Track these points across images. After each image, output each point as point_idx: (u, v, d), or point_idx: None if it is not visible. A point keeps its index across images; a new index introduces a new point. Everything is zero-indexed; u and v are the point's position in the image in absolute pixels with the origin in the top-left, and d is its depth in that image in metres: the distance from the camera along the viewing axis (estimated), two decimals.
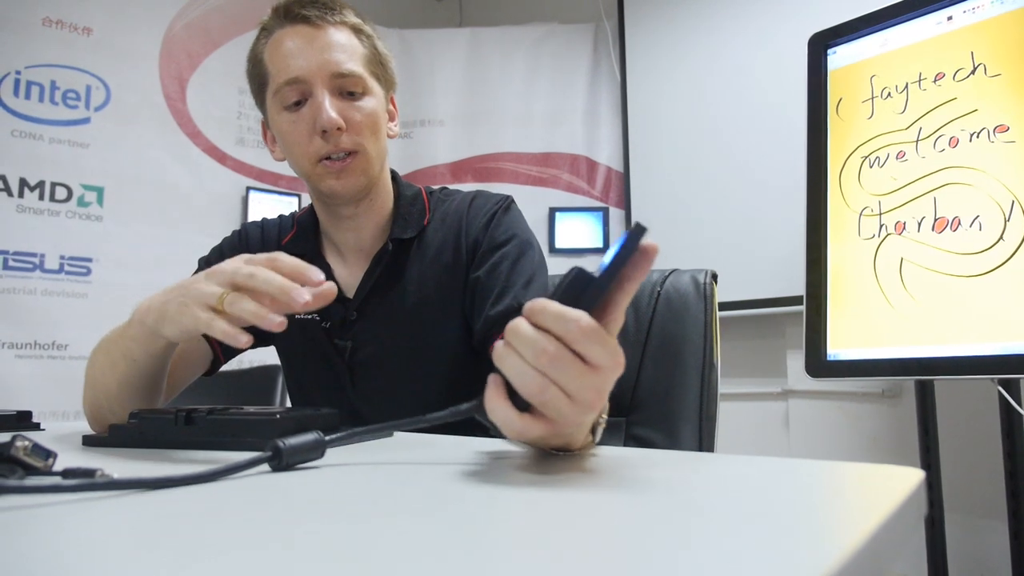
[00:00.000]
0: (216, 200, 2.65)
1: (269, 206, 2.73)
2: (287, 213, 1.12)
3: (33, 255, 2.27)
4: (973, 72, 1.67)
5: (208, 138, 2.67)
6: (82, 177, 2.38)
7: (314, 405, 1.01)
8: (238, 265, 0.63)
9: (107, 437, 0.67)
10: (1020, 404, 1.57)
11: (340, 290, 0.99)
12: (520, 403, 0.45)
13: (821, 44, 1.98)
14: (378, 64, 0.97)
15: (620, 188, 2.89)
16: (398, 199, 1.03)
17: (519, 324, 0.45)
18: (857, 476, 0.48)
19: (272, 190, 2.79)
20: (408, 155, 3.02)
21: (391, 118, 1.02)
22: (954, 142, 1.67)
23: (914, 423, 1.79)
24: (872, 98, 1.86)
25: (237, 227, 1.14)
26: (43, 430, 0.88)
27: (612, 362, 0.45)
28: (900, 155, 1.77)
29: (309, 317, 1.00)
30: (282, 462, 0.49)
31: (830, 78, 1.96)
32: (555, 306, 0.44)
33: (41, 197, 2.30)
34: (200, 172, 2.63)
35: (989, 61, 1.65)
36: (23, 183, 2.27)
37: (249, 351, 1.09)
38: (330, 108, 0.88)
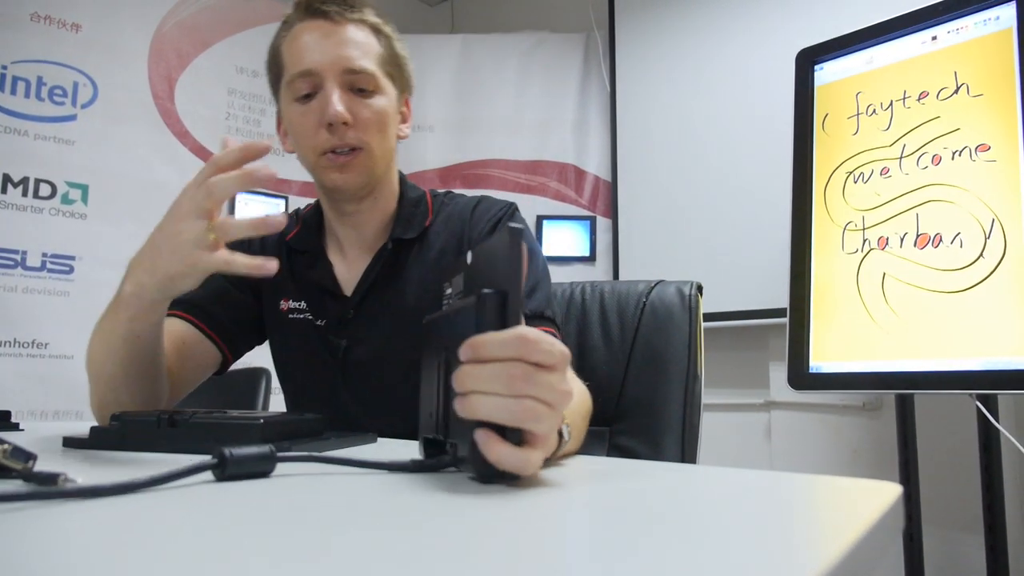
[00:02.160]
0: None
1: (256, 208, 2.72)
2: (296, 209, 1.12)
3: (15, 252, 2.24)
4: (956, 91, 1.70)
5: (196, 138, 2.66)
6: (67, 174, 2.35)
7: (307, 406, 1.01)
8: (193, 192, 0.65)
9: (88, 439, 0.67)
10: (998, 419, 1.59)
11: (339, 287, 0.99)
12: (513, 439, 0.45)
13: (808, 60, 2.00)
14: (394, 65, 0.97)
15: (608, 197, 2.91)
16: (402, 199, 1.03)
17: (471, 370, 0.45)
18: (836, 490, 0.48)
19: (260, 192, 2.77)
20: (397, 159, 3.01)
21: (403, 119, 1.03)
22: (937, 160, 1.70)
23: (894, 436, 1.81)
24: (857, 114, 1.88)
25: None
26: (23, 431, 0.87)
27: (561, 354, 0.46)
28: (884, 171, 1.79)
29: (302, 317, 0.99)
30: (226, 471, 0.47)
31: (816, 94, 1.98)
32: (493, 336, 0.45)
33: (25, 193, 2.28)
34: (187, 172, 2.59)
35: (972, 81, 1.68)
36: (6, 179, 2.25)
37: (246, 351, 1.08)
38: (337, 102, 0.89)
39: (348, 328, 0.98)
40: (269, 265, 0.63)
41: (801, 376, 1.82)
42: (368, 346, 0.97)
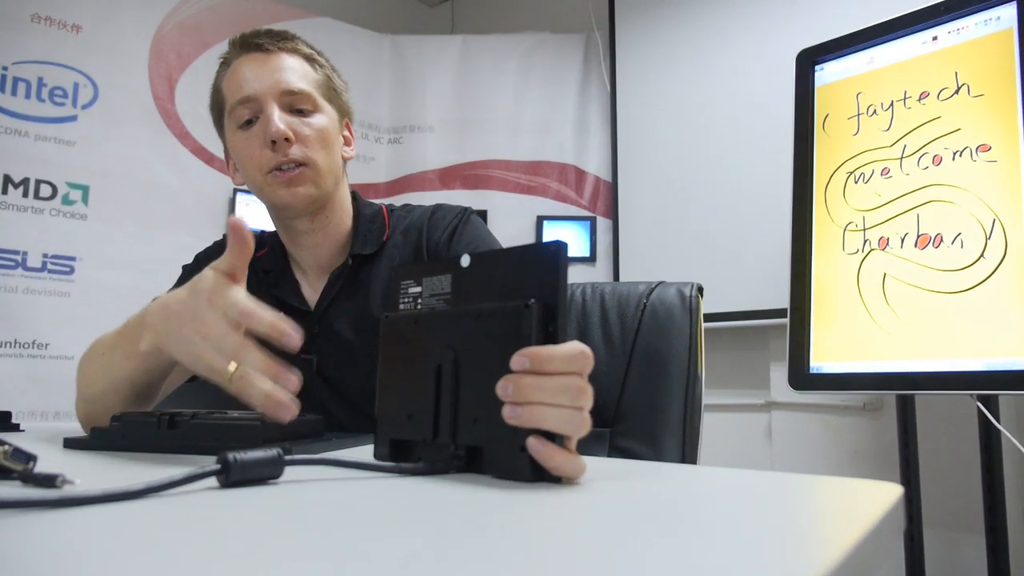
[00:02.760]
0: (203, 201, 2.63)
1: (256, 209, 2.72)
2: (262, 230, 1.13)
3: (15, 252, 2.24)
4: (957, 92, 1.70)
5: (196, 139, 2.66)
6: (67, 175, 2.35)
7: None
8: (223, 293, 0.62)
9: (88, 440, 0.67)
10: (998, 420, 1.59)
11: (306, 304, 1.02)
12: (558, 444, 0.48)
13: (809, 60, 2.00)
14: (331, 90, 1.01)
15: (608, 198, 2.91)
16: (357, 217, 1.05)
17: (537, 382, 0.48)
18: (837, 491, 0.48)
19: None
20: (397, 160, 3.02)
21: (347, 143, 1.05)
22: (937, 160, 1.70)
23: (894, 436, 1.81)
24: (858, 115, 1.88)
25: (223, 228, 1.14)
26: (23, 431, 0.87)
27: (587, 361, 0.50)
28: (884, 172, 1.79)
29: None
30: (230, 478, 0.44)
31: (817, 94, 1.98)
32: (558, 350, 0.48)
33: (25, 194, 2.28)
34: (187, 173, 2.62)
35: (973, 81, 1.68)
36: (7, 180, 2.25)
37: None
38: (279, 120, 0.92)
39: (315, 343, 1.00)
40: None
41: (802, 376, 1.82)
42: (337, 359, 1.00)
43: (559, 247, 0.50)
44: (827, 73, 1.98)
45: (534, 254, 0.52)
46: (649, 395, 1.06)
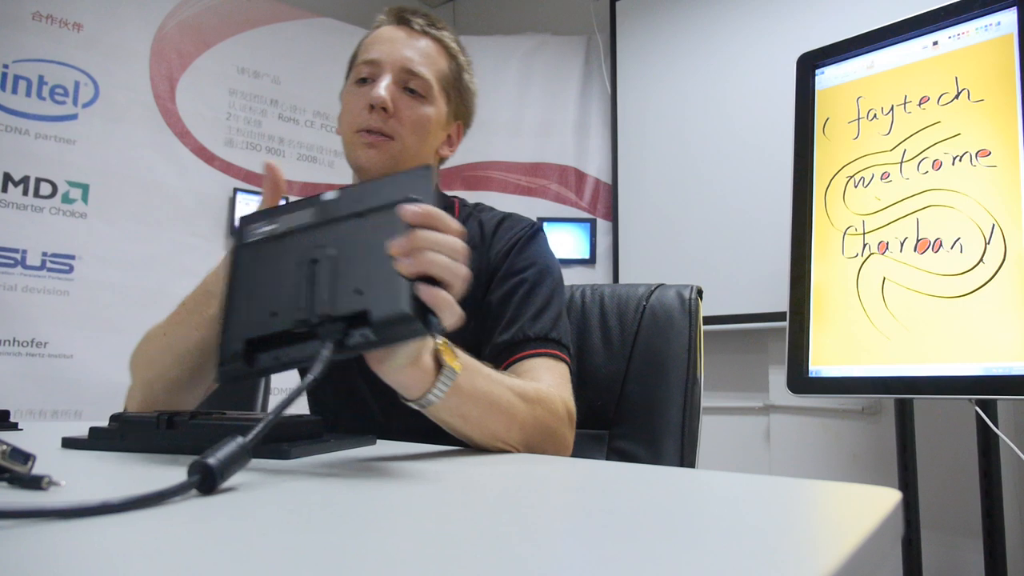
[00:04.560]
0: (203, 201, 2.63)
1: (256, 208, 2.71)
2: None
3: (15, 251, 2.24)
4: (957, 97, 1.70)
5: (197, 138, 2.66)
6: (68, 174, 2.35)
7: (326, 408, 0.99)
8: None
9: (87, 440, 0.67)
10: (997, 425, 1.59)
11: None
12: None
13: (809, 64, 2.01)
14: (453, 88, 1.02)
15: (608, 200, 2.91)
16: None
17: (430, 235, 0.55)
18: (835, 497, 0.48)
19: (260, 192, 2.77)
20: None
21: (449, 143, 1.06)
22: (937, 165, 1.70)
23: (893, 440, 1.81)
24: (858, 119, 1.88)
25: (224, 227, 1.14)
26: (21, 430, 0.86)
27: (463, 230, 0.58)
28: (884, 176, 1.79)
29: None
30: (214, 487, 0.42)
31: (817, 98, 1.98)
32: (444, 214, 0.57)
33: (25, 192, 2.28)
34: (187, 172, 2.62)
35: (973, 86, 1.68)
36: (7, 178, 2.25)
37: None
38: (383, 89, 0.93)
39: None
40: None
41: (800, 380, 1.82)
42: None
43: (427, 168, 0.58)
44: (828, 77, 1.98)
45: (404, 175, 0.59)
46: (648, 397, 1.06)
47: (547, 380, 0.86)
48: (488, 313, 0.95)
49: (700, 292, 1.12)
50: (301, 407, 0.80)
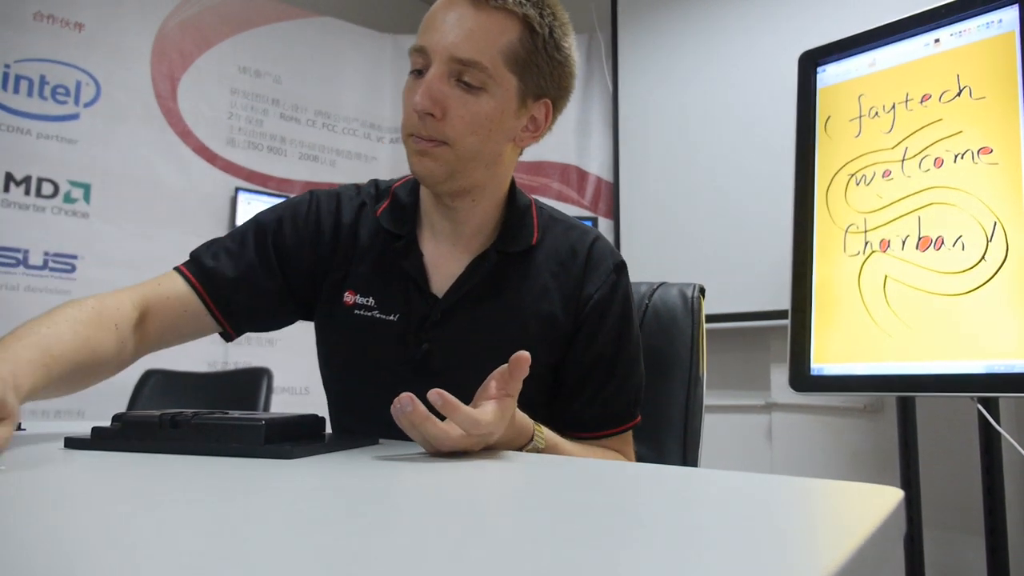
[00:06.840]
0: (204, 200, 2.63)
1: (258, 208, 2.72)
2: (367, 181, 1.00)
3: (17, 251, 2.25)
4: (959, 94, 1.70)
5: (198, 137, 2.66)
6: (69, 173, 2.36)
7: (360, 408, 0.93)
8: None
9: (89, 440, 0.67)
10: (999, 422, 1.59)
11: (428, 283, 0.90)
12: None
13: (811, 62, 2.00)
14: (530, 63, 0.85)
15: (609, 199, 2.91)
16: (511, 206, 0.96)
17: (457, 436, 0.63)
18: (838, 495, 0.48)
19: (261, 191, 2.78)
20: (399, 160, 3.02)
21: (530, 128, 0.94)
22: (939, 162, 1.70)
23: (895, 438, 1.81)
24: (860, 117, 1.88)
25: (226, 226, 1.11)
26: (24, 430, 0.87)
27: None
28: (886, 174, 1.79)
29: (371, 315, 0.89)
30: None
31: (819, 96, 1.98)
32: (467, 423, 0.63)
33: (27, 192, 2.28)
34: (189, 171, 2.62)
35: (974, 84, 1.68)
36: (9, 177, 2.25)
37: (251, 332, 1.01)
38: (424, 95, 0.81)
39: (432, 331, 0.88)
40: None
41: (802, 378, 1.82)
42: (451, 356, 0.88)
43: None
44: (829, 75, 1.97)
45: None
46: (650, 396, 1.06)
47: (627, 452, 0.93)
48: (583, 358, 0.90)
49: (702, 290, 1.12)
50: (311, 406, 0.79)
